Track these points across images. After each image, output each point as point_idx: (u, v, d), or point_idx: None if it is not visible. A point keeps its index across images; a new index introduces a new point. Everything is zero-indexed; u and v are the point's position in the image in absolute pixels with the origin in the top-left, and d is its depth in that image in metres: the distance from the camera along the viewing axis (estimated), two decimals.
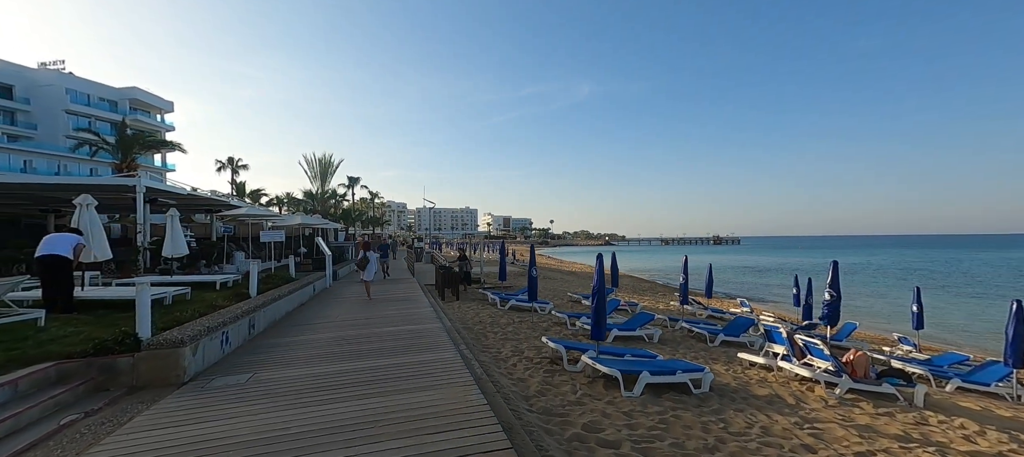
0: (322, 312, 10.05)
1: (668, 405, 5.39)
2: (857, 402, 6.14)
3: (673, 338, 10.47)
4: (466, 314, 11.57)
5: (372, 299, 11.84)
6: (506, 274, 14.32)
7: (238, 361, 5.95)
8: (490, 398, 4.46)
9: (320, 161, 32.92)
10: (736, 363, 8.15)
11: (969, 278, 38.51)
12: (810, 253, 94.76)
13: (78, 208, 7.48)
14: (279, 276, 11.72)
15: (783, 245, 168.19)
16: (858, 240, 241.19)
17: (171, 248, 10.30)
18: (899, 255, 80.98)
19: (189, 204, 19.28)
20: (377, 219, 71.17)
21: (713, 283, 15.66)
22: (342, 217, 41.94)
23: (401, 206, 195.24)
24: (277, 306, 8.98)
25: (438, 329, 7.96)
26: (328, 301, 11.94)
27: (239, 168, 48.80)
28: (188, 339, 5.00)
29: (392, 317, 9.28)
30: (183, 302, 8.41)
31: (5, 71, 55.42)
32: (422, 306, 10.91)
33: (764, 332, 8.00)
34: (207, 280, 10.63)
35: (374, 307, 10.70)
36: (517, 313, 12.52)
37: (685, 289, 13.80)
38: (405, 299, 12.20)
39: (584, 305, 15.01)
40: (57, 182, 12.63)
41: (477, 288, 17.91)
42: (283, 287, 10.34)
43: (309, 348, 6.71)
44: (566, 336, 9.39)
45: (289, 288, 10.44)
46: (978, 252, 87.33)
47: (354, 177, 57.65)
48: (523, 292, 15.30)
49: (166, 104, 66.72)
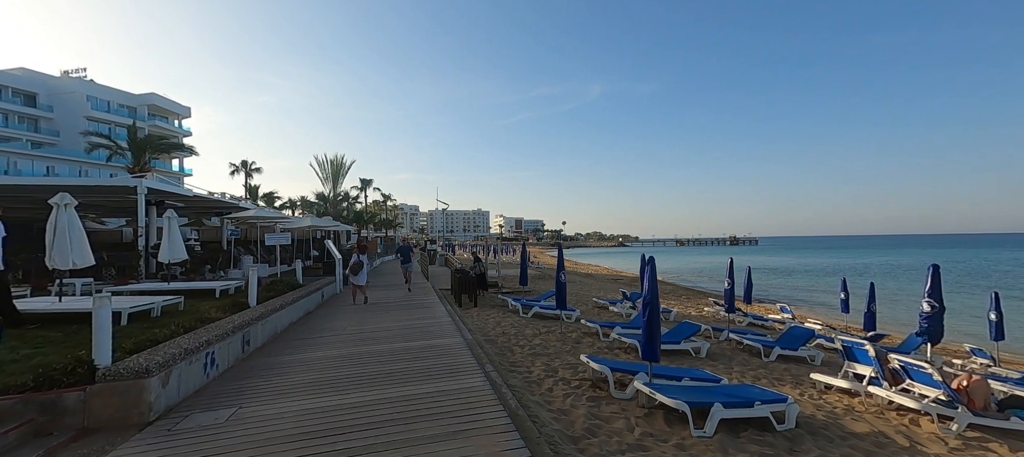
0: (329, 323, 9.11)
1: (753, 450, 4.26)
2: (984, 442, 4.91)
3: (721, 352, 9.26)
4: (486, 323, 10.54)
5: (370, 304, 10.88)
6: (528, 278, 13.23)
7: (223, 389, 4.98)
8: (533, 447, 3.40)
9: (332, 162, 32.30)
10: (807, 385, 6.94)
11: (1015, 278, 36.15)
12: (833, 253, 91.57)
13: (55, 208, 6.67)
14: (285, 282, 10.86)
15: (802, 245, 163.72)
16: (878, 240, 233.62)
17: (169, 252, 9.50)
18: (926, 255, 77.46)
19: (197, 207, 18.71)
20: (390, 221, 70.72)
21: (751, 287, 14.33)
22: (354, 219, 41.35)
23: (413, 209, 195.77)
24: (279, 317, 8.07)
25: (459, 345, 6.93)
26: (337, 309, 11.02)
27: (253, 171, 48.65)
28: (156, 367, 4.05)
29: (407, 329, 8.28)
30: (175, 313, 7.54)
31: (29, 79, 56.65)
32: (439, 315, 9.91)
33: (842, 348, 6.77)
34: (206, 287, 9.80)
35: (387, 316, 9.74)
36: (541, 321, 11.44)
37: (731, 295, 12.55)
38: (420, 306, 11.22)
39: (613, 311, 13.86)
40: (52, 184, 12.03)
41: (495, 293, 16.90)
42: (287, 295, 9.44)
43: (310, 370, 5.72)
44: (601, 351, 8.28)
45: (294, 295, 9.53)
46: (1013, 251, 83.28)
47: (367, 179, 57.31)
48: (546, 297, 14.22)
49: (183, 109, 67.66)
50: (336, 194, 34.31)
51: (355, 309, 10.96)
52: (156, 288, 9.64)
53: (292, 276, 12.77)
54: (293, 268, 14.44)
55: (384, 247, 44.35)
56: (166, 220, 9.87)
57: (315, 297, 11.25)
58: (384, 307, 11.08)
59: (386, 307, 11.11)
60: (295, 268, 12.18)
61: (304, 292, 10.38)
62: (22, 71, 56.75)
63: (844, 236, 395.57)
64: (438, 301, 12.37)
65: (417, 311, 10.47)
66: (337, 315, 10.11)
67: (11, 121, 53.49)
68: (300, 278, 12.08)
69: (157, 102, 63.62)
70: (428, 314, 10.09)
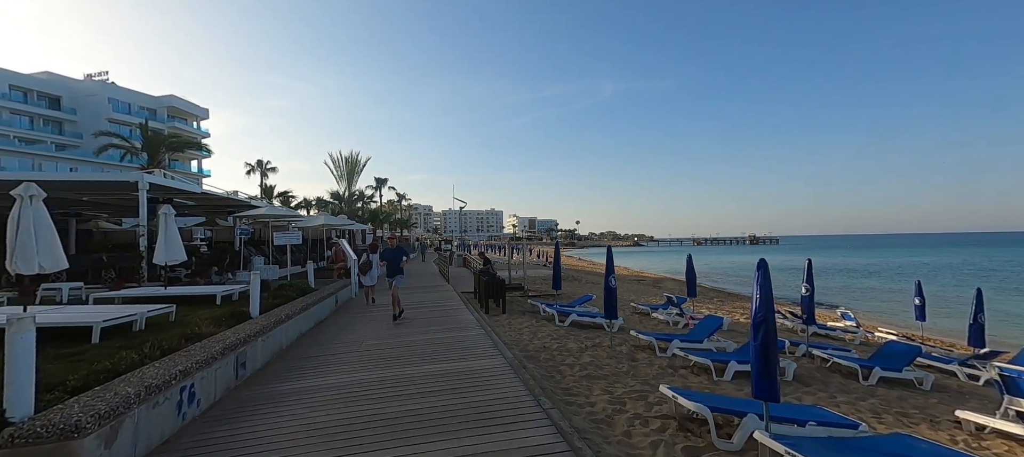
0: (342, 335, 7.88)
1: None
2: None
3: (807, 373, 7.74)
4: (520, 333, 9.21)
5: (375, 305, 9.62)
6: (561, 281, 11.87)
7: (203, 437, 3.74)
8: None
9: (346, 159, 31.39)
10: (948, 424, 5.42)
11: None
12: (864, 253, 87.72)
13: (18, 201, 5.59)
14: (295, 286, 9.73)
15: (827, 245, 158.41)
16: (905, 238, 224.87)
17: (165, 253, 8.43)
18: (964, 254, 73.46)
19: (210, 206, 17.83)
20: (405, 221, 70.08)
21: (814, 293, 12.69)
22: (370, 218, 40.50)
23: (427, 209, 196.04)
24: (284, 330, 6.87)
25: (501, 368, 5.61)
26: (352, 317, 9.82)
27: (268, 171, 48.36)
28: (95, 419, 2.81)
29: (434, 345, 6.99)
30: (164, 325, 6.41)
31: (53, 83, 57.61)
32: (467, 324, 8.63)
33: (1000, 379, 5.23)
34: (206, 293, 8.69)
35: (408, 326, 8.48)
36: (581, 331, 10.07)
37: (811, 304, 10.99)
38: (444, 313, 9.94)
39: (657, 319, 12.36)
40: (38, 178, 11.16)
41: (522, 296, 15.58)
42: (296, 302, 8.26)
43: (314, 407, 4.44)
44: (664, 373, 6.88)
45: (304, 302, 8.35)
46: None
47: (381, 178, 56.60)
48: (580, 302, 12.83)
49: (202, 111, 68.43)
50: (351, 193, 33.36)
51: (371, 315, 9.74)
52: (150, 294, 8.57)
53: (304, 279, 11.63)
54: (306, 270, 13.36)
55: None
56: (162, 217, 8.79)
57: (328, 303, 10.08)
58: (406, 312, 9.83)
59: (408, 311, 9.86)
60: (307, 270, 11.04)
61: (316, 298, 9.20)
62: (47, 75, 57.74)
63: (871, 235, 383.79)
64: (463, 306, 11.10)
65: (442, 320, 9.19)
66: (352, 324, 8.89)
67: (36, 124, 54.50)
68: (312, 281, 10.94)
69: (176, 104, 64.40)
70: (455, 323, 8.81)
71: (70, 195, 12.99)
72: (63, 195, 12.87)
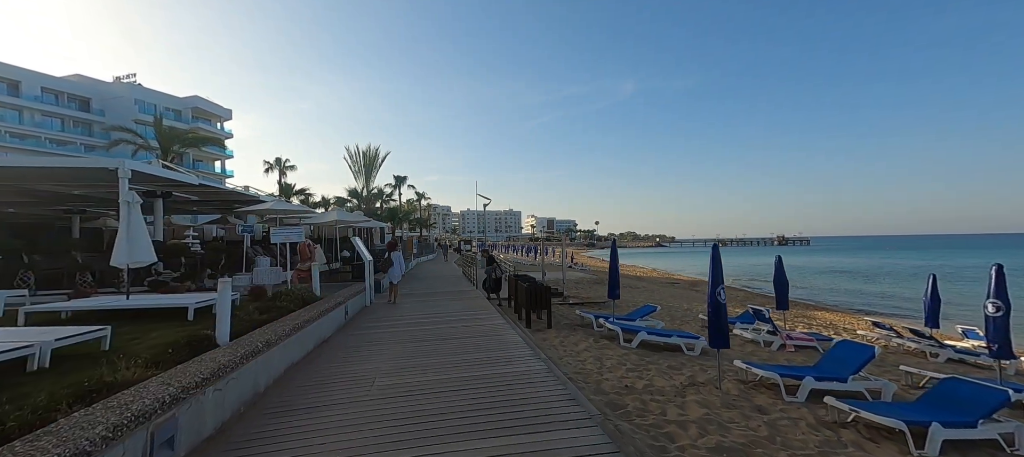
0: (348, 364, 5.74)
1: None
2: None
3: None
4: (583, 361, 6.96)
5: (412, 327, 7.57)
6: (619, 289, 9.53)
7: None
8: None
9: (364, 154, 29.60)
10: None
11: None
12: (909, 254, 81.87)
13: None
14: (295, 294, 7.72)
15: (863, 246, 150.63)
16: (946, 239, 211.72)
17: (127, 253, 6.52)
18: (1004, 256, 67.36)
19: (216, 201, 16.16)
20: (424, 220, 68.53)
21: (939, 303, 10.03)
22: (388, 216, 38.75)
23: (446, 209, 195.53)
24: (261, 365, 4.78)
25: (580, 421, 3.40)
26: (365, 334, 7.72)
27: (287, 169, 47.28)
28: None
29: (476, 384, 4.78)
30: (94, 354, 4.44)
31: (83, 85, 58.45)
32: (512, 345, 6.46)
33: None
34: (177, 304, 6.71)
35: (437, 348, 6.33)
36: (656, 354, 7.77)
37: (934, 312, 8.48)
38: (478, 328, 7.72)
39: (741, 337, 9.87)
40: (13, 165, 9.55)
41: (560, 302, 13.35)
42: (288, 319, 6.21)
43: None
44: (818, 432, 4.52)
45: (299, 319, 6.28)
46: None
47: (400, 176, 55.01)
48: (640, 313, 10.50)
49: (225, 112, 68.84)
50: (369, 189, 31.62)
51: (390, 330, 7.62)
52: (107, 306, 6.67)
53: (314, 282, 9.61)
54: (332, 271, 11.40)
55: (419, 247, 41.72)
56: (125, 206, 6.86)
57: (335, 316, 8.01)
58: (432, 329, 7.70)
59: (435, 328, 7.73)
60: (313, 273, 9.02)
61: (318, 310, 7.13)
62: (78, 78, 58.57)
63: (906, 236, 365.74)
64: (500, 319, 8.92)
65: (479, 339, 7.00)
66: (364, 345, 6.78)
67: (67, 125, 55.20)
68: (317, 287, 8.91)
69: (200, 105, 64.88)
70: (496, 344, 6.61)
71: (44, 186, 11.34)
72: (37, 186, 11.27)
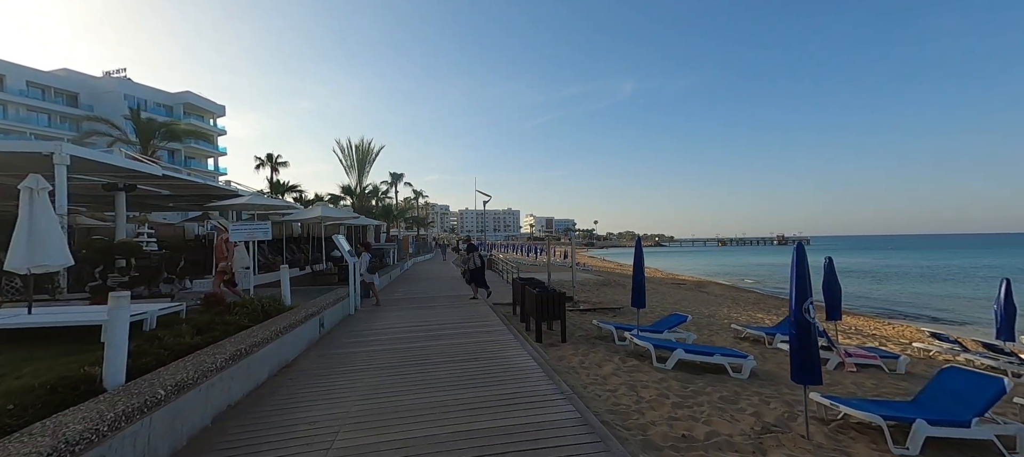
0: (305, 412, 4.20)
1: None
2: None
3: None
4: (615, 390, 5.51)
5: (399, 352, 6.10)
6: (645, 296, 8.07)
7: None
8: None
9: (357, 148, 27.97)
10: None
11: None
12: (912, 254, 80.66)
13: None
14: (256, 305, 6.24)
15: (863, 245, 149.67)
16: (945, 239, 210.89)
17: (24, 254, 5.02)
18: None
19: (183, 194, 14.62)
20: (422, 219, 66.96)
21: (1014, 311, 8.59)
22: (383, 214, 37.16)
23: (444, 208, 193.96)
24: (168, 421, 3.29)
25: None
26: (341, 355, 6.23)
27: (279, 165, 45.69)
28: None
29: (486, 442, 3.32)
30: None
31: (71, 80, 56.93)
32: (529, 374, 4.97)
33: None
34: (88, 322, 5.20)
35: (431, 378, 4.84)
36: (698, 378, 6.32)
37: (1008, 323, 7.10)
38: (482, 347, 6.23)
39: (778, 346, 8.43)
40: None
41: (570, 308, 11.90)
42: (231, 341, 4.72)
43: None
44: None
45: (247, 341, 4.81)
46: None
47: (397, 173, 53.48)
48: (668, 324, 9.05)
49: (218, 108, 67.33)
50: (363, 186, 30.01)
51: (371, 345, 6.12)
52: None
53: (294, 287, 8.08)
54: (297, 273, 9.87)
55: (416, 246, 40.16)
56: (26, 194, 5.34)
57: (304, 331, 6.52)
58: (424, 347, 6.20)
59: (427, 345, 6.22)
60: (281, 278, 7.49)
61: (280, 325, 5.63)
62: (65, 72, 56.94)
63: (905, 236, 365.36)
64: (506, 332, 7.45)
65: (484, 359, 5.53)
66: (337, 368, 5.31)
67: (54, 121, 53.53)
68: (287, 294, 7.40)
69: (192, 100, 63.33)
70: (505, 370, 5.14)
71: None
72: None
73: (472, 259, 12.20)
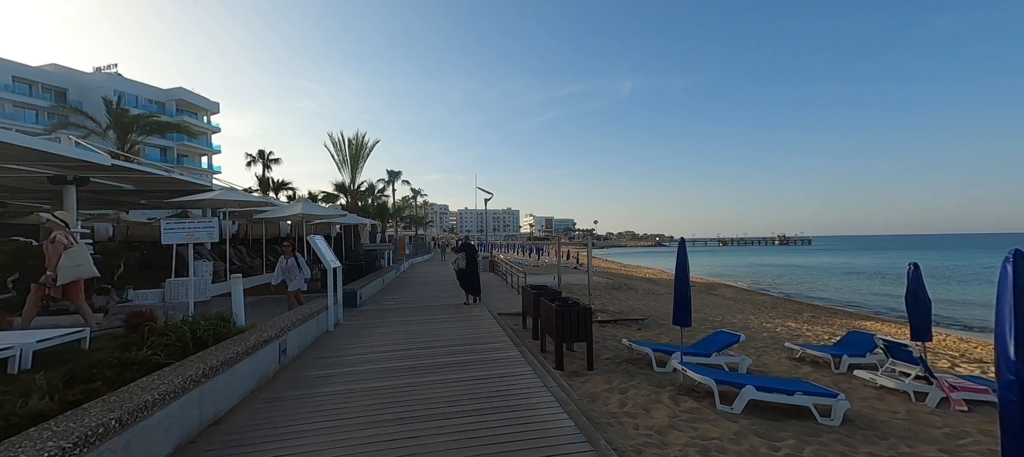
0: None
1: None
2: None
3: None
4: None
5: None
6: (690, 313, 6.42)
7: None
8: None
9: (350, 142, 26.26)
10: None
11: None
12: (916, 253, 78.97)
13: None
14: (196, 327, 4.61)
15: (865, 245, 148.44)
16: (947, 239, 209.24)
17: None
18: None
19: (146, 189, 12.93)
20: (420, 219, 65.28)
21: None
22: (377, 212, 35.45)
23: (443, 208, 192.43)
24: None
25: None
26: (299, 403, 4.57)
27: (271, 162, 44.03)
28: None
29: None
30: None
31: (59, 75, 55.47)
32: (556, 428, 3.33)
33: None
34: None
35: (428, 451, 3.24)
36: (780, 425, 4.69)
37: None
38: (490, 378, 4.54)
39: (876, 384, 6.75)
40: None
41: (601, 320, 10.29)
42: (108, 400, 3.08)
43: None
44: None
45: (156, 389, 3.18)
46: None
47: (395, 171, 51.78)
48: (718, 345, 7.39)
49: (212, 105, 65.89)
50: (357, 183, 28.27)
51: (339, 398, 4.44)
52: None
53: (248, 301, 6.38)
54: (277, 284, 8.14)
55: (414, 247, 38.49)
56: None
57: (255, 365, 4.88)
58: (413, 384, 4.51)
59: (417, 382, 4.52)
60: (233, 291, 5.81)
61: (212, 362, 4.00)
62: (53, 67, 55.35)
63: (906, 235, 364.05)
64: (520, 357, 5.83)
65: (494, 409, 3.88)
66: (287, 441, 3.67)
67: (42, 118, 51.93)
68: (239, 314, 5.73)
69: (185, 97, 61.84)
70: (526, 421, 3.50)
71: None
72: None
73: (458, 260, 10.72)
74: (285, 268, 9.02)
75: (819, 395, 5.20)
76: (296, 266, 9.01)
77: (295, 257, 9.06)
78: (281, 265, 9.03)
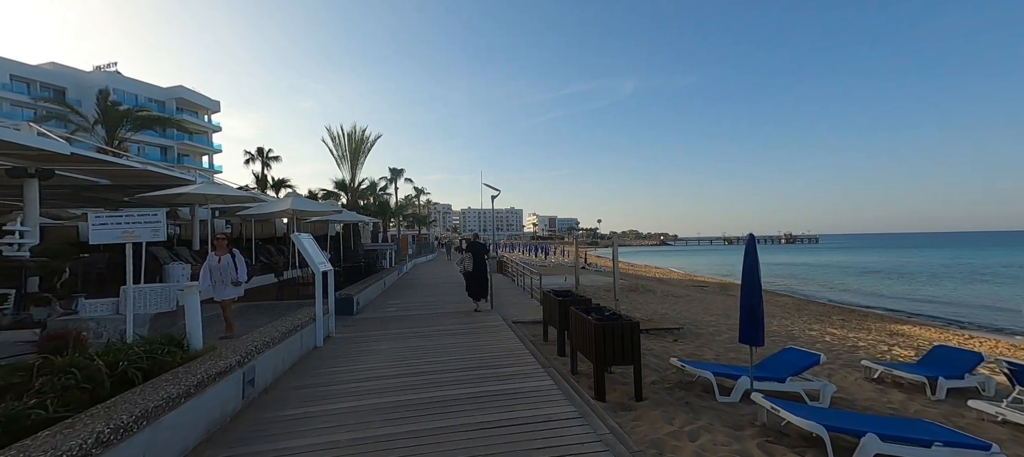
0: None
1: None
2: None
3: None
4: None
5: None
6: (763, 328, 5.08)
7: None
8: None
9: (349, 136, 24.95)
10: None
11: None
12: (927, 251, 77.03)
13: None
14: (125, 356, 3.37)
15: (873, 243, 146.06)
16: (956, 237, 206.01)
17: None
18: None
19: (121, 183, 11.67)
20: (423, 218, 64.05)
21: None
22: (378, 211, 34.14)
23: (446, 207, 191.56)
24: None
25: None
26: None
27: (270, 160, 42.87)
28: None
29: None
30: None
31: (57, 74, 54.72)
32: None
33: None
34: None
35: None
36: None
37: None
38: (520, 430, 3.25)
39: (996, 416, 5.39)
40: None
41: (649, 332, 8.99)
42: None
43: None
44: None
45: None
46: None
47: (397, 169, 50.50)
48: (793, 367, 6.03)
49: (213, 104, 65.09)
50: (357, 180, 26.99)
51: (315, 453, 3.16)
52: None
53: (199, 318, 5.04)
54: (283, 283, 6.86)
55: (417, 246, 37.28)
56: None
57: (205, 406, 3.60)
58: (414, 428, 3.20)
59: (414, 432, 3.22)
60: (185, 303, 4.51)
61: (126, 416, 2.73)
62: (52, 66, 54.55)
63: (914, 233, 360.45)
64: (552, 385, 4.53)
65: None
66: None
67: (41, 116, 51.24)
68: (196, 334, 4.45)
69: (185, 96, 61.00)
70: None
71: None
72: None
73: (465, 260, 9.48)
74: (214, 268, 6.46)
75: (965, 447, 3.85)
76: (231, 266, 6.57)
77: (231, 253, 6.69)
78: (210, 264, 6.46)
